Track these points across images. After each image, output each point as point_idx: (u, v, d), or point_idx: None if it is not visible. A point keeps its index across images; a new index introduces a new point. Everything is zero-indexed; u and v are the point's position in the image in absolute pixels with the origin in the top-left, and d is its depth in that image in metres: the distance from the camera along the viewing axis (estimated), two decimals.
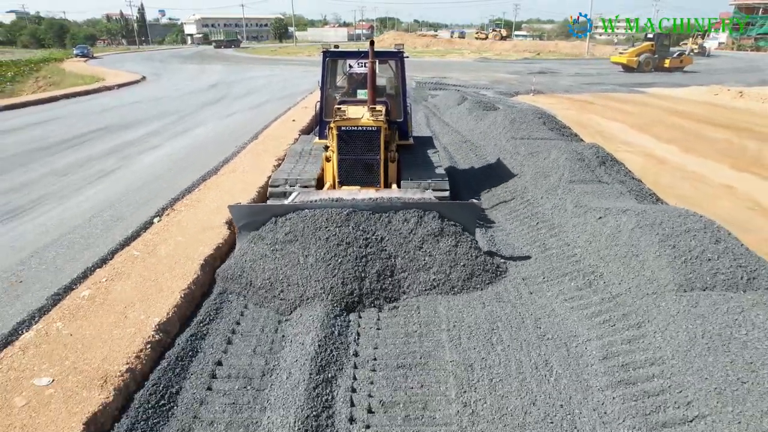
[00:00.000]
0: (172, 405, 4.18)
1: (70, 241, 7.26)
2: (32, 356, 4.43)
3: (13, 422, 3.68)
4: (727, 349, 4.01)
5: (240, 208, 6.58)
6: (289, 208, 6.48)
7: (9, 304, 5.45)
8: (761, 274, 4.88)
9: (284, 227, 6.19)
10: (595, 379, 4.33)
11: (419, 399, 4.23)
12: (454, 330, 5.07)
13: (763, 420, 3.46)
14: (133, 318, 5.03)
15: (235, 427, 3.97)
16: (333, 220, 6.13)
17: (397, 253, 6.03)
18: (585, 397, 4.16)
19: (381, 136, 7.43)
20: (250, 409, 4.14)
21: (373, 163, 7.60)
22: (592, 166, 8.61)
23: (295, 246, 6.01)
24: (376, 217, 6.27)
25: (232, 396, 4.28)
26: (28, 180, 10.42)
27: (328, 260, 5.78)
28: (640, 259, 5.48)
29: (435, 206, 6.46)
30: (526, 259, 6.63)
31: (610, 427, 3.84)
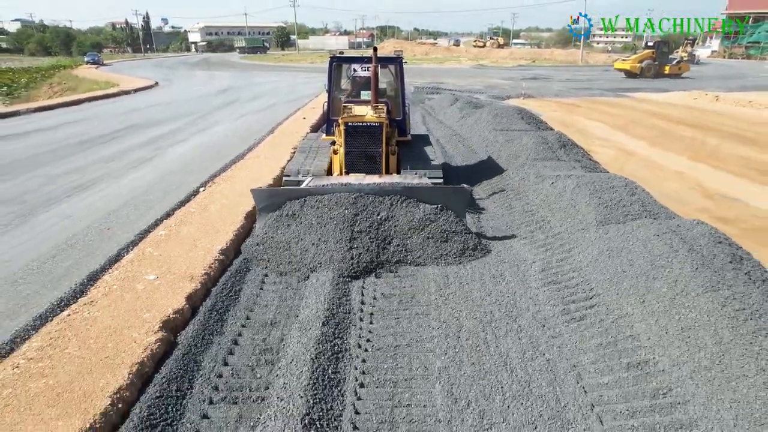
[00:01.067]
0: (237, 298, 6.01)
1: (134, 205, 9.14)
2: (138, 265, 6.31)
3: (140, 296, 5.54)
4: (618, 255, 5.89)
5: (261, 192, 7.46)
6: (304, 191, 7.27)
7: (107, 241, 7.37)
8: (658, 213, 6.75)
9: (300, 207, 7.05)
10: (533, 282, 6.19)
11: (409, 293, 6.08)
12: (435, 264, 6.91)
13: (631, 294, 5.30)
14: (201, 246, 6.90)
15: (282, 309, 5.80)
16: (342, 201, 6.97)
17: (398, 230, 6.87)
18: (525, 291, 6.01)
19: (383, 130, 8.26)
20: (291, 299, 5.98)
21: (376, 155, 8.40)
22: (554, 148, 10.57)
23: (310, 223, 6.88)
24: (380, 199, 7.06)
25: (278, 293, 6.12)
26: (81, 165, 12.30)
27: (338, 235, 6.64)
28: (576, 208, 7.39)
29: (431, 190, 7.34)
30: (495, 215, 8.51)
31: (539, 305, 5.69)
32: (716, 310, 4.55)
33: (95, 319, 5.13)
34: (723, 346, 4.23)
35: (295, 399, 4.10)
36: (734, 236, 7.41)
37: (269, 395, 4.29)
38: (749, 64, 65.43)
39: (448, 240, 6.86)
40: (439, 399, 4.30)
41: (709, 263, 5.18)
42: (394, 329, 5.34)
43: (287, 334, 5.24)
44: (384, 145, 8.37)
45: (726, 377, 4.01)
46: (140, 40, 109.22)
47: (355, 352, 4.94)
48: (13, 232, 7.87)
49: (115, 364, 4.41)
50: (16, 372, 4.30)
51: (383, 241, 6.78)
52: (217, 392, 4.39)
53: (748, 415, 3.69)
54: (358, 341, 5.12)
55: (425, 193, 7.22)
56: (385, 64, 9.87)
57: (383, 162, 8.47)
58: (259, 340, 5.16)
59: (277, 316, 5.63)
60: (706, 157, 14.94)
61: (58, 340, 4.74)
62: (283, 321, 5.52)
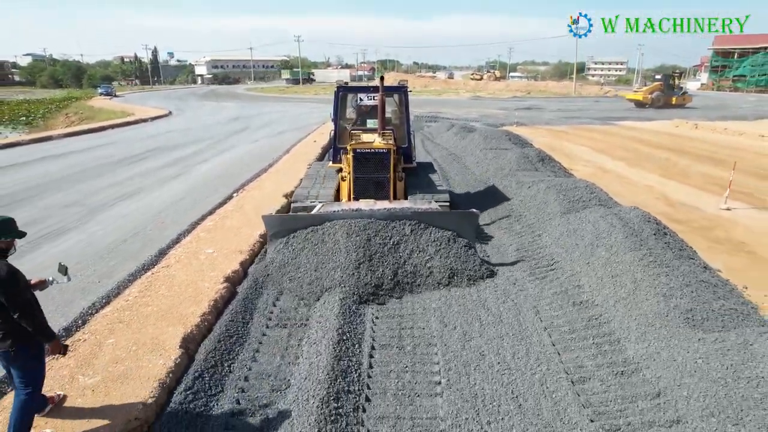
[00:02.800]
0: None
1: (177, 208, 10.86)
2: (197, 244, 8.01)
3: (204, 263, 7.24)
4: (574, 234, 7.63)
5: (272, 218, 7.56)
6: (316, 217, 7.37)
7: (163, 231, 9.13)
8: (609, 204, 8.48)
9: (311, 233, 7.19)
10: (509, 258, 7.86)
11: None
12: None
13: (581, 259, 6.97)
14: (243, 233, 8.60)
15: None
16: (354, 226, 7.05)
17: (409, 255, 6.99)
18: (503, 263, 7.66)
19: (391, 157, 8.37)
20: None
21: (384, 181, 8.45)
22: (533, 161, 12.42)
23: (321, 248, 7.01)
24: (391, 225, 7.15)
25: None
26: (121, 180, 14.06)
27: (349, 260, 6.73)
28: (546, 204, 9.18)
29: (440, 215, 7.46)
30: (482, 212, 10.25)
31: (512, 271, 7.35)
32: (635, 262, 6.24)
33: (174, 275, 6.81)
34: (636, 284, 5.90)
35: (331, 321, 5.74)
36: (683, 232, 9.20)
37: (312, 314, 5.95)
38: (734, 96, 68.09)
39: (458, 268, 6.95)
40: (434, 326, 5.92)
41: (637, 234, 6.89)
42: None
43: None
44: (392, 170, 8.48)
45: (635, 302, 5.67)
46: (149, 73, 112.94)
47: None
48: (84, 226, 9.56)
49: (197, 300, 6.07)
50: (129, 302, 5.97)
51: (395, 266, 6.86)
52: (271, 321, 6.02)
53: (647, 323, 5.32)
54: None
55: (435, 218, 7.33)
56: (390, 93, 10.06)
57: (391, 188, 8.55)
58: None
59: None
60: (675, 174, 16.73)
61: (151, 287, 6.41)
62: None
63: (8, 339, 3.57)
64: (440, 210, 7.77)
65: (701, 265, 6.96)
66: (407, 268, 6.87)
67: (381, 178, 8.48)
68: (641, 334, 5.24)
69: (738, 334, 4.50)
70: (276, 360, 5.24)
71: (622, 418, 4.28)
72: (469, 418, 4.35)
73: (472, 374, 4.94)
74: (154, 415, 4.23)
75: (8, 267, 3.54)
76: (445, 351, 5.37)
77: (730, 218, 11.12)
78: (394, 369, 5.11)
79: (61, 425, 3.99)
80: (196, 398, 4.49)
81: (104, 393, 4.34)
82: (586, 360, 5.15)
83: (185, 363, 4.96)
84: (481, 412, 4.42)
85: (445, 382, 4.82)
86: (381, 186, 8.51)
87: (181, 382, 4.68)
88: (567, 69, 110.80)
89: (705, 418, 3.98)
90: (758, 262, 8.50)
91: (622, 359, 5.06)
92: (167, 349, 5.03)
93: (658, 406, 4.35)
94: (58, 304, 6.17)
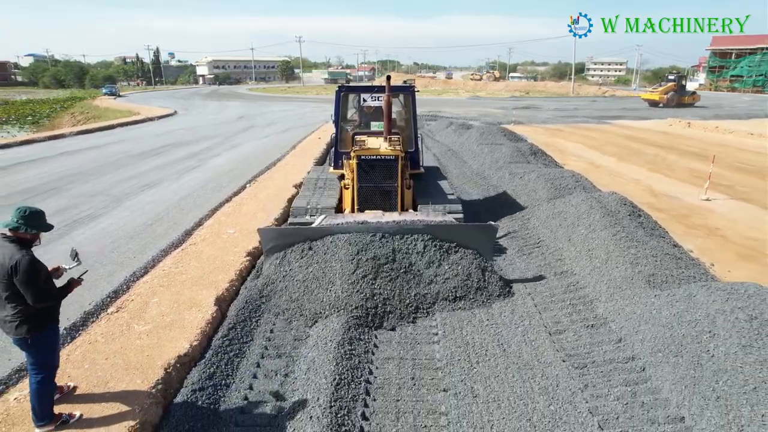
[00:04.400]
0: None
1: (196, 195, 11.73)
2: (219, 226, 8.90)
3: (227, 241, 8.11)
4: (558, 216, 8.50)
5: (268, 231, 6.83)
6: (317, 230, 6.69)
7: (186, 215, 10.00)
8: (591, 190, 9.35)
9: (312, 249, 6.54)
10: (500, 240, 8.71)
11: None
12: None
13: (563, 237, 7.83)
14: (259, 217, 9.47)
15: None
16: (358, 241, 6.45)
17: (421, 274, 6.35)
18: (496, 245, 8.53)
19: (398, 164, 7.72)
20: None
21: (391, 190, 7.84)
22: (525, 154, 13.31)
23: (323, 265, 6.35)
24: (400, 240, 6.54)
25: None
26: (141, 172, 14.92)
27: (353, 279, 6.14)
28: (535, 192, 10.05)
29: (455, 228, 6.81)
30: (477, 202, 11.11)
31: (502, 250, 8.18)
32: (609, 237, 7.11)
33: (202, 251, 7.68)
34: (608, 255, 6.78)
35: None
36: (663, 219, 10.07)
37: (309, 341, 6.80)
38: (730, 97, 69.02)
39: (473, 287, 6.41)
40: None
41: (613, 214, 7.76)
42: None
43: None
44: (399, 179, 7.86)
45: (607, 270, 6.54)
46: (151, 73, 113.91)
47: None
48: (112, 212, 10.43)
49: (225, 269, 6.94)
50: (166, 272, 6.85)
51: (405, 286, 6.28)
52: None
53: (616, 286, 6.19)
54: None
55: (449, 232, 6.73)
56: (396, 94, 9.42)
57: (399, 197, 7.93)
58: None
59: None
60: (662, 169, 17.59)
61: (183, 260, 7.29)
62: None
63: (24, 326, 3.69)
64: (455, 223, 7.10)
65: (671, 242, 7.84)
66: (419, 290, 6.24)
67: (388, 187, 7.86)
68: (610, 295, 6.11)
69: (685, 289, 5.36)
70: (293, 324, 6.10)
71: (588, 358, 5.15)
72: (461, 359, 5.21)
73: (464, 328, 5.80)
74: (198, 354, 5.10)
75: (30, 258, 3.60)
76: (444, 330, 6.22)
77: (709, 207, 11.97)
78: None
79: (125, 356, 4.85)
80: (231, 344, 5.35)
81: (156, 337, 5.22)
82: (563, 317, 6.01)
83: (219, 317, 5.83)
84: (471, 354, 5.28)
85: (441, 333, 5.68)
86: (388, 195, 7.90)
87: (218, 331, 5.55)
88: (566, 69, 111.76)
89: (653, 353, 4.84)
90: (728, 244, 9.35)
91: (593, 315, 5.93)
92: (203, 306, 5.90)
93: (618, 348, 5.21)
94: (101, 275, 7.03)
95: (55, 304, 3.86)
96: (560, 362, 5.07)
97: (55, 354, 3.99)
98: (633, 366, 4.89)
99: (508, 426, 4.20)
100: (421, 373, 5.08)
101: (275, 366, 5.11)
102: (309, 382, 4.71)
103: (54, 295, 3.75)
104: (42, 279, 3.66)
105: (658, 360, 4.73)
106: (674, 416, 4.14)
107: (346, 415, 4.34)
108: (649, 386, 4.57)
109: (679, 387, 4.34)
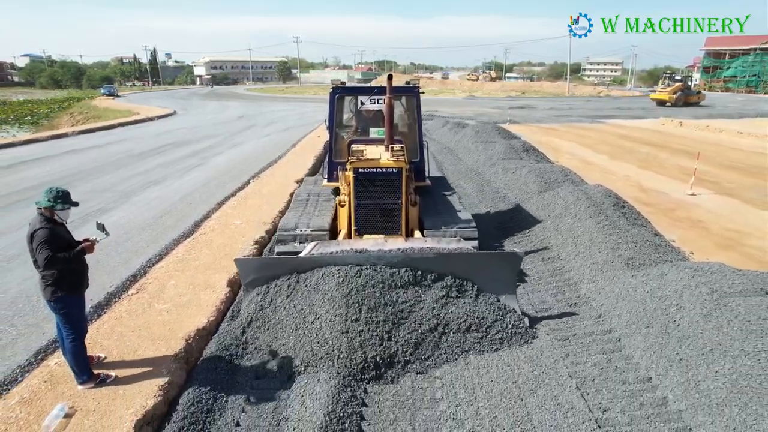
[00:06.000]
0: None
1: (202, 191, 12.21)
2: (226, 218, 9.40)
3: (235, 231, 8.62)
4: (547, 207, 9.05)
5: (246, 262, 5.81)
6: (307, 262, 5.62)
7: (193, 209, 10.49)
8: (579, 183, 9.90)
9: (299, 283, 5.48)
10: (493, 230, 9.22)
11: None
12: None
13: (551, 226, 8.35)
14: (264, 210, 9.96)
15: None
16: (350, 277, 5.36)
17: (431, 315, 5.31)
18: (487, 232, 9.04)
19: (403, 178, 6.59)
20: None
21: (394, 208, 6.70)
22: (518, 151, 13.88)
23: (311, 306, 5.30)
24: (408, 274, 5.48)
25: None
26: (146, 169, 15.38)
27: (348, 324, 5.10)
28: (526, 185, 10.60)
29: (473, 257, 5.76)
30: (472, 196, 11.64)
31: (496, 238, 8.69)
32: (593, 225, 7.64)
33: (212, 240, 8.18)
34: (592, 241, 7.32)
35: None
36: (650, 212, 10.60)
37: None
38: (724, 96, 69.76)
39: (492, 332, 5.37)
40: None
41: (598, 205, 8.29)
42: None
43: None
44: (404, 195, 6.69)
45: (590, 254, 7.07)
46: (149, 73, 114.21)
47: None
48: (122, 206, 10.90)
49: (235, 255, 7.41)
50: (179, 258, 7.35)
51: (411, 331, 5.23)
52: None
53: (598, 269, 6.72)
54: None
55: (466, 262, 5.67)
56: (398, 96, 8.26)
57: (403, 216, 6.78)
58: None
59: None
60: (652, 166, 18.13)
61: (195, 248, 7.79)
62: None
63: (49, 289, 4.20)
64: (473, 251, 6.04)
65: (652, 232, 8.36)
66: (428, 336, 5.22)
67: (390, 205, 6.70)
68: (592, 277, 6.64)
69: (658, 269, 5.89)
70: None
71: (570, 331, 5.66)
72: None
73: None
74: (215, 328, 5.59)
75: (46, 229, 4.16)
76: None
77: (694, 202, 12.50)
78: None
79: (149, 330, 5.34)
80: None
81: (176, 314, 5.71)
82: (548, 298, 6.53)
83: (232, 297, 6.33)
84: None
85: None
86: (390, 214, 6.74)
87: (230, 309, 6.05)
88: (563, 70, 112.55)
89: (628, 326, 5.36)
90: (709, 235, 9.87)
91: (576, 296, 6.45)
92: (217, 288, 6.40)
93: (598, 322, 5.73)
94: (118, 262, 7.51)
95: (74, 274, 4.33)
96: (545, 335, 5.57)
97: (80, 320, 4.46)
98: (609, 337, 5.40)
99: (496, 387, 4.69)
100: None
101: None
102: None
103: (60, 260, 4.16)
104: (53, 248, 4.14)
105: (632, 331, 5.25)
106: (643, 377, 4.66)
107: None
108: (622, 354, 5.09)
109: (649, 353, 4.85)
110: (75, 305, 4.39)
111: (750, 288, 4.96)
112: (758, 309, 4.52)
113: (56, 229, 4.28)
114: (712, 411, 3.87)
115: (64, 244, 4.30)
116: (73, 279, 4.34)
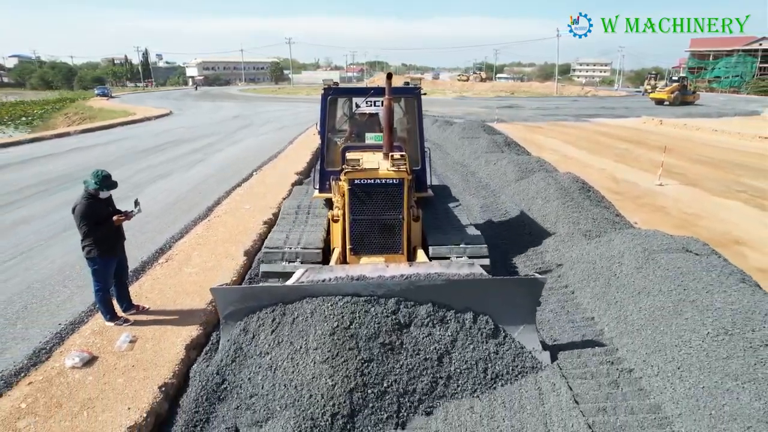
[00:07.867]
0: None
1: (209, 183, 13.27)
2: (236, 203, 10.48)
3: (245, 214, 9.68)
4: (522, 192, 10.20)
5: (224, 292, 5.00)
6: (295, 291, 4.87)
7: (203, 198, 11.54)
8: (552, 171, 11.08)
9: (285, 317, 4.72)
10: (475, 213, 10.35)
11: None
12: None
13: (525, 207, 9.49)
14: (269, 196, 11.05)
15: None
16: (350, 311, 4.60)
17: (439, 357, 4.56)
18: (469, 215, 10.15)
19: (404, 190, 5.96)
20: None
21: (394, 224, 6.05)
22: (500, 145, 15.11)
23: (296, 346, 4.54)
24: (413, 308, 4.75)
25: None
26: (152, 164, 16.36)
27: (340, 367, 4.30)
28: (505, 174, 11.78)
29: (488, 284, 5.08)
30: (458, 185, 12.78)
31: (476, 219, 9.81)
32: (561, 206, 8.82)
33: (226, 221, 9.26)
34: (557, 218, 8.52)
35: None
36: (619, 200, 11.78)
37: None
38: (708, 96, 71.43)
39: (510, 365, 4.67)
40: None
41: (566, 189, 9.47)
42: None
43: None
44: (405, 208, 6.06)
45: (555, 228, 8.26)
46: (140, 74, 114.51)
47: None
48: (135, 196, 11.86)
49: (247, 233, 8.53)
50: (199, 235, 8.43)
51: (411, 377, 4.44)
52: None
53: (560, 240, 7.87)
54: None
55: (482, 291, 4.95)
56: (398, 98, 7.52)
57: (404, 232, 6.13)
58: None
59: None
60: (628, 160, 19.38)
61: (212, 227, 8.86)
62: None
63: (86, 250, 5.30)
64: (488, 277, 5.32)
65: (614, 212, 9.52)
66: (435, 386, 4.44)
67: (390, 221, 6.04)
68: (556, 246, 7.79)
69: (607, 236, 7.05)
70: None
71: None
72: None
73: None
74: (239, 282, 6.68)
75: (85, 204, 5.21)
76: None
77: (660, 191, 13.72)
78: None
79: (183, 287, 6.41)
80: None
81: (204, 276, 6.79)
82: (519, 264, 7.66)
83: (248, 263, 7.42)
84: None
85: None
86: (390, 231, 6.08)
87: (248, 273, 7.14)
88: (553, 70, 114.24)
89: (582, 282, 6.52)
90: (668, 218, 11.07)
91: (542, 261, 7.59)
92: (236, 257, 7.48)
93: (557, 280, 6.89)
94: (145, 240, 8.56)
95: (106, 241, 5.35)
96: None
97: (107, 276, 5.46)
98: (566, 291, 6.56)
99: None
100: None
101: None
102: None
103: (92, 229, 5.20)
104: (90, 221, 5.17)
105: (584, 285, 6.40)
106: (588, 317, 5.81)
107: None
108: (574, 302, 6.24)
109: (594, 300, 6.01)
110: (103, 265, 5.40)
111: (674, 247, 6.11)
112: (676, 261, 5.67)
113: (95, 204, 5.30)
114: (633, 334, 5.02)
115: (102, 216, 5.33)
116: (104, 244, 5.37)
